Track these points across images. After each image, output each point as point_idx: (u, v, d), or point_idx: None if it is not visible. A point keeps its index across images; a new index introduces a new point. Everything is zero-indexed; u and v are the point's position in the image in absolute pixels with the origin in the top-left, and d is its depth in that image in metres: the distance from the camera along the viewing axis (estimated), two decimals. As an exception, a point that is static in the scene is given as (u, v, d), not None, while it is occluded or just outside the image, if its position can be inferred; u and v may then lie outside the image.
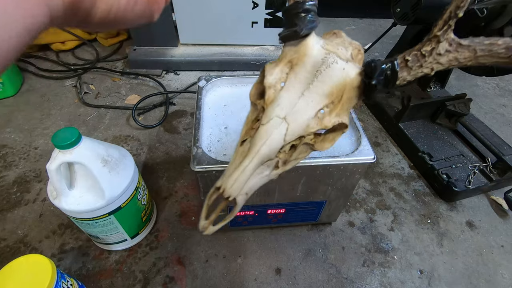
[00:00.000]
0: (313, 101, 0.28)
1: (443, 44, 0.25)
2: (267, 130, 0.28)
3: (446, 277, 0.59)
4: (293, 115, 0.28)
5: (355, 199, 0.71)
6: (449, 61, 0.25)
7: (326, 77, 0.28)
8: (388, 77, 0.26)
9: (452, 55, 0.25)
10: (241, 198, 0.27)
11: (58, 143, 0.41)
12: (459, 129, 0.82)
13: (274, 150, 0.28)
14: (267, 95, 0.29)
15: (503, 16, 0.62)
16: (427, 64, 0.26)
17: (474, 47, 0.25)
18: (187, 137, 0.83)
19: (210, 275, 0.56)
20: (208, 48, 1.07)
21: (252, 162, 0.27)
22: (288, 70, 0.29)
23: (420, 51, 0.25)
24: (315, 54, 0.29)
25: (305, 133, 0.28)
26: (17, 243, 0.59)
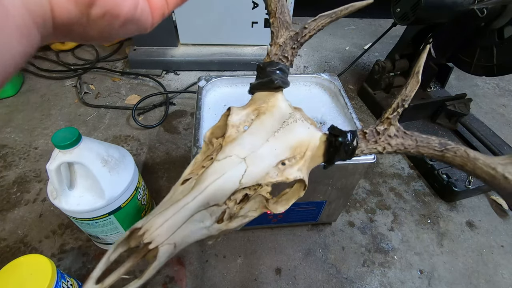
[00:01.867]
0: (276, 150, 0.27)
1: (393, 128, 0.28)
2: (222, 166, 0.24)
3: (446, 277, 0.59)
4: (254, 158, 0.25)
5: (355, 199, 0.71)
6: (397, 144, 0.28)
7: (292, 130, 0.28)
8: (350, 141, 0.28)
9: (399, 140, 0.28)
10: (165, 248, 0.20)
11: (58, 143, 0.41)
12: (459, 129, 0.82)
13: (226, 192, 0.23)
14: (228, 133, 0.27)
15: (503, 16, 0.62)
16: (380, 142, 0.28)
17: (416, 137, 0.28)
18: (187, 137, 0.83)
19: (210, 275, 0.56)
20: (208, 48, 1.07)
21: (196, 199, 0.22)
22: (254, 117, 0.29)
23: (376, 128, 0.28)
24: (283, 107, 0.29)
25: (263, 181, 0.25)
26: (17, 243, 0.59)
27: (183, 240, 0.21)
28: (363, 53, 1.02)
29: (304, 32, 0.31)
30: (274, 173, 0.26)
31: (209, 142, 0.28)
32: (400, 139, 0.28)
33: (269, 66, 0.30)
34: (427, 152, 0.28)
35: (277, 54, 0.31)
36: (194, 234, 0.22)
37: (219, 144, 0.27)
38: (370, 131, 0.28)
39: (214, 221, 0.24)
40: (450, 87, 1.07)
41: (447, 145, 0.27)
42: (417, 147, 0.28)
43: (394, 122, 0.28)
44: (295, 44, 0.31)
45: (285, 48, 0.31)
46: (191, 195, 0.22)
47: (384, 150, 0.28)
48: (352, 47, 1.29)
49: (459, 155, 0.26)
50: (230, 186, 0.23)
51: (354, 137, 0.28)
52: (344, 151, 0.28)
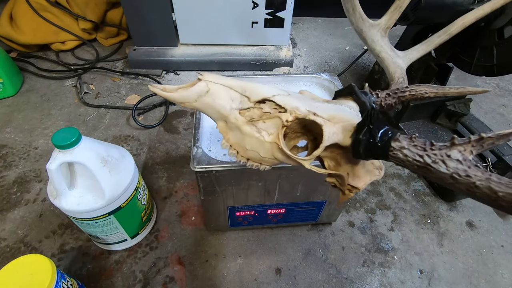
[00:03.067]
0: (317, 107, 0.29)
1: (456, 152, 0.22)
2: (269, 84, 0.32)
3: (446, 277, 0.59)
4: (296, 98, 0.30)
5: (355, 199, 0.71)
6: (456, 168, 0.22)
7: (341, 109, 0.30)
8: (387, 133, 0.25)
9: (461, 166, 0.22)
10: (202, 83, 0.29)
11: (58, 143, 0.41)
12: (459, 129, 0.81)
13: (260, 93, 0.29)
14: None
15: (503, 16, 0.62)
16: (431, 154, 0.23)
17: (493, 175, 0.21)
18: (187, 137, 0.83)
19: (210, 275, 0.56)
20: (208, 48, 1.07)
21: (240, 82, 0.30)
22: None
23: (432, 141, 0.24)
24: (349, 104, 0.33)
25: (290, 107, 0.29)
26: (17, 243, 0.59)
27: (214, 93, 0.29)
28: (363, 53, 1.02)
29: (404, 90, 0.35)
30: (304, 107, 0.29)
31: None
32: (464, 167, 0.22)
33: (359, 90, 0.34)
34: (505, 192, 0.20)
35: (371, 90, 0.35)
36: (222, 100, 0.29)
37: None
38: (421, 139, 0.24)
39: (238, 108, 0.30)
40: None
41: None
42: (489, 182, 0.20)
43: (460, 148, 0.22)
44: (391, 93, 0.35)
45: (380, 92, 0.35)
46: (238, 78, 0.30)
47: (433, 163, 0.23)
48: (352, 47, 1.29)
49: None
50: (266, 92, 0.29)
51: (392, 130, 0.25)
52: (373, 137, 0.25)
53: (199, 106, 0.30)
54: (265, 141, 0.29)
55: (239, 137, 0.30)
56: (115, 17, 1.16)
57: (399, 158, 0.24)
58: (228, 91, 0.29)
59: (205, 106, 0.30)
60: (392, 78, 0.37)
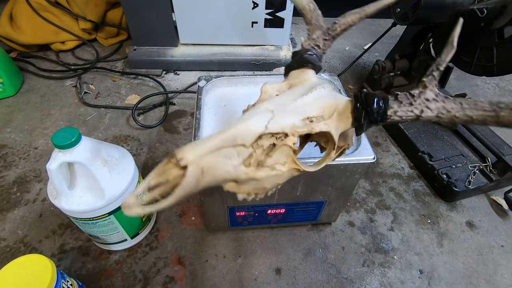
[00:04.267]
0: (304, 108, 0.28)
1: (430, 92, 0.26)
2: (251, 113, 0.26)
3: (446, 277, 0.59)
4: (281, 110, 0.27)
5: (355, 199, 0.71)
6: (437, 108, 0.26)
7: (320, 94, 0.29)
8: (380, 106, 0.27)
9: (440, 104, 0.26)
10: (193, 169, 0.22)
11: (58, 143, 0.41)
12: (459, 129, 0.82)
13: (252, 133, 0.24)
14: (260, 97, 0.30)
15: (503, 16, 0.62)
16: (417, 104, 0.27)
17: (460, 101, 0.26)
18: (187, 137, 0.83)
19: (210, 275, 0.56)
20: (208, 48, 1.07)
21: (222, 135, 0.24)
22: (286, 89, 0.32)
23: (410, 91, 0.27)
24: (314, 80, 0.32)
25: (289, 130, 0.26)
26: (17, 243, 0.59)
27: (210, 167, 0.23)
28: (363, 53, 1.02)
29: (334, 27, 0.36)
30: (301, 124, 0.27)
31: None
32: (440, 103, 0.26)
33: (303, 51, 0.34)
34: (477, 114, 0.24)
35: (310, 44, 0.35)
36: (221, 167, 0.24)
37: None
38: (403, 94, 0.27)
39: (241, 162, 0.25)
40: (450, 87, 1.07)
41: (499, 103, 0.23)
42: (463, 110, 0.25)
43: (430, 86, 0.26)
44: (327, 36, 0.35)
45: (317, 39, 0.35)
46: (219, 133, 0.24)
47: (422, 113, 0.26)
48: (352, 47, 1.29)
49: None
50: (256, 127, 0.25)
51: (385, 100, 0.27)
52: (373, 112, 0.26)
53: (203, 186, 0.25)
54: (283, 172, 0.28)
55: (255, 184, 0.27)
56: (115, 17, 1.16)
57: (395, 120, 0.28)
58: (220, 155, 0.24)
59: (209, 184, 0.25)
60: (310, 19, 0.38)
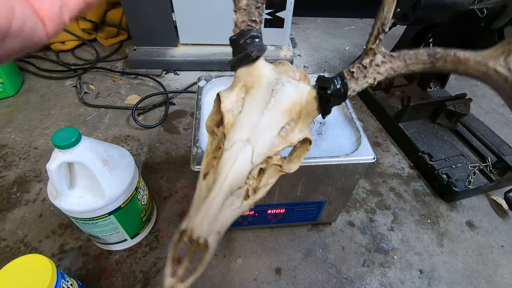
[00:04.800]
0: (274, 120, 0.28)
1: (379, 56, 0.27)
2: (232, 154, 0.26)
3: (446, 277, 0.59)
4: (257, 136, 0.27)
5: (355, 199, 0.71)
6: (386, 70, 0.28)
7: (282, 95, 0.28)
8: (339, 88, 0.28)
9: (388, 65, 0.27)
10: (213, 238, 0.24)
11: (58, 143, 0.41)
12: (459, 129, 0.82)
13: (243, 175, 0.26)
14: (226, 119, 0.28)
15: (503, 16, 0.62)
16: (369, 75, 0.28)
17: (403, 56, 0.27)
18: (187, 137, 0.83)
19: (210, 275, 0.56)
20: (208, 48, 1.07)
21: (220, 192, 0.24)
22: (244, 94, 0.29)
23: (361, 63, 0.28)
24: (268, 75, 0.30)
25: (271, 153, 0.28)
26: (17, 243, 0.59)
27: (223, 225, 0.25)
28: (363, 53, 1.02)
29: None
30: (279, 142, 0.28)
31: (212, 132, 0.30)
32: (388, 64, 0.27)
33: (241, 37, 0.29)
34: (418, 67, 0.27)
35: (244, 20, 0.30)
36: (230, 217, 0.26)
37: (221, 133, 0.29)
38: (356, 68, 0.28)
39: (242, 200, 0.27)
40: (450, 87, 1.07)
41: (436, 54, 0.26)
42: (407, 66, 0.27)
43: (378, 51, 0.27)
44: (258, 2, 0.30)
45: (250, 10, 0.30)
46: (215, 190, 0.24)
47: (375, 80, 0.28)
48: (352, 47, 1.29)
49: (450, 61, 0.25)
50: (245, 169, 0.26)
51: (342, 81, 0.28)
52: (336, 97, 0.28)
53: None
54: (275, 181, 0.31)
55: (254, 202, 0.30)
56: (115, 17, 1.16)
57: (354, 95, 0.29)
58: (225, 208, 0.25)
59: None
60: None
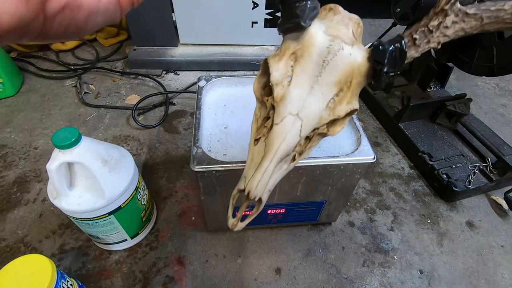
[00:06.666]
0: (323, 93, 0.28)
1: (450, 17, 0.24)
2: (283, 129, 0.28)
3: (446, 277, 0.59)
4: (306, 110, 0.28)
5: (355, 199, 0.71)
6: (455, 32, 0.25)
7: (333, 67, 0.27)
8: (396, 59, 0.25)
9: (459, 25, 0.24)
10: (265, 196, 0.29)
11: (58, 143, 0.41)
12: (459, 129, 0.82)
13: (292, 147, 0.28)
14: (275, 92, 0.28)
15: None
16: (434, 39, 0.25)
17: (481, 15, 0.23)
18: (187, 137, 0.83)
19: (210, 275, 0.56)
20: (208, 48, 1.07)
21: (272, 162, 0.28)
22: (293, 63, 0.29)
23: (428, 26, 0.25)
24: (319, 43, 0.28)
25: (318, 125, 0.29)
26: (17, 243, 0.59)
27: (273, 185, 0.29)
28: (363, 53, 1.02)
29: None
30: (326, 114, 0.29)
31: (260, 99, 0.31)
32: (460, 25, 0.24)
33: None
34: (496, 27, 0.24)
35: None
36: (279, 177, 0.30)
37: (270, 104, 0.29)
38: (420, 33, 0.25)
39: (289, 163, 0.30)
40: (450, 87, 1.07)
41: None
42: (482, 26, 0.24)
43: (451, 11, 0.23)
44: None
45: None
46: (267, 160, 0.27)
47: (439, 44, 0.26)
48: (352, 47, 1.28)
49: None
50: (294, 142, 0.28)
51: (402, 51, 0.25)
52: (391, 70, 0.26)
53: None
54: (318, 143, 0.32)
55: None
56: (115, 17, 1.16)
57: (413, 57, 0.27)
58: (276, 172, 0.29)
59: None
60: None
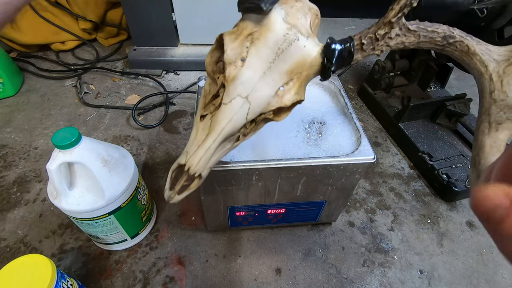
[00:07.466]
0: (273, 80, 0.29)
1: (395, 29, 0.26)
2: (231, 110, 0.28)
3: (446, 277, 0.59)
4: (255, 94, 0.28)
5: (355, 199, 0.71)
6: (396, 43, 0.27)
7: (287, 55, 0.28)
8: (344, 59, 0.28)
9: (400, 38, 0.26)
10: (205, 173, 0.29)
11: (58, 143, 0.41)
12: (459, 129, 0.82)
13: (237, 128, 0.29)
14: (227, 71, 0.28)
15: (503, 16, 0.62)
16: (378, 47, 0.27)
17: (419, 32, 0.26)
18: (187, 137, 0.83)
19: (210, 275, 0.56)
20: (208, 48, 1.06)
21: (215, 141, 0.28)
22: (249, 44, 0.28)
23: (375, 34, 0.27)
24: (277, 30, 0.28)
25: (265, 110, 0.30)
26: (17, 243, 0.59)
27: (214, 162, 0.30)
28: (363, 53, 1.02)
29: None
30: (274, 101, 0.29)
31: (212, 75, 0.31)
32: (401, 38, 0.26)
33: None
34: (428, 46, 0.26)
35: None
36: (221, 155, 0.30)
37: (221, 82, 0.29)
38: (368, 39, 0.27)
39: (233, 143, 0.30)
40: (450, 87, 1.07)
41: (450, 38, 0.25)
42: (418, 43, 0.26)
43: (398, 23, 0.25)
44: None
45: None
46: (211, 138, 0.28)
47: (381, 53, 0.28)
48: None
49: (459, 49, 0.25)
50: (239, 124, 0.28)
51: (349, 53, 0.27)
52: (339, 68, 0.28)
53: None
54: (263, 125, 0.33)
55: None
56: (115, 17, 1.16)
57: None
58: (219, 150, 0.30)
59: None
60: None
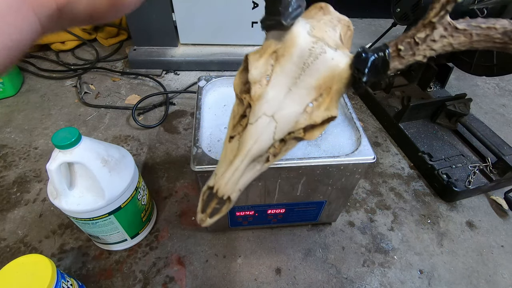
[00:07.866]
0: (300, 97, 0.27)
1: (439, 30, 0.23)
2: (257, 130, 0.27)
3: (446, 277, 0.59)
4: (281, 112, 0.27)
5: (355, 199, 0.71)
6: (442, 46, 0.23)
7: (313, 70, 0.27)
8: (378, 69, 0.25)
9: (447, 40, 0.23)
10: (235, 195, 0.28)
11: (58, 143, 0.41)
12: (459, 129, 0.82)
13: (264, 149, 0.28)
14: (252, 91, 0.28)
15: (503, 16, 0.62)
16: (420, 52, 0.24)
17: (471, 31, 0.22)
18: (187, 137, 0.83)
19: (210, 275, 0.56)
20: (208, 48, 1.07)
21: (243, 162, 0.27)
22: (274, 61, 0.28)
23: (414, 38, 0.23)
24: (301, 44, 0.27)
25: (294, 129, 0.28)
26: (17, 243, 0.59)
27: (244, 184, 0.29)
28: (363, 53, 1.02)
29: None
30: (303, 119, 0.28)
31: (239, 96, 0.31)
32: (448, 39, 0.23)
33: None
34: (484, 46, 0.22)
35: None
36: (250, 177, 0.29)
37: (247, 102, 0.29)
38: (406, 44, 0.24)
39: (263, 164, 0.29)
40: (450, 87, 1.07)
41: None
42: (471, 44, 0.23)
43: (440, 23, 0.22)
44: None
45: None
46: (239, 159, 0.27)
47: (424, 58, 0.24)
48: (352, 47, 1.28)
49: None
50: (267, 144, 0.28)
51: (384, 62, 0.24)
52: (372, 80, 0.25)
53: None
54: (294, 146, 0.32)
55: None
56: (115, 17, 1.16)
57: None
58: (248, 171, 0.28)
59: None
60: None
